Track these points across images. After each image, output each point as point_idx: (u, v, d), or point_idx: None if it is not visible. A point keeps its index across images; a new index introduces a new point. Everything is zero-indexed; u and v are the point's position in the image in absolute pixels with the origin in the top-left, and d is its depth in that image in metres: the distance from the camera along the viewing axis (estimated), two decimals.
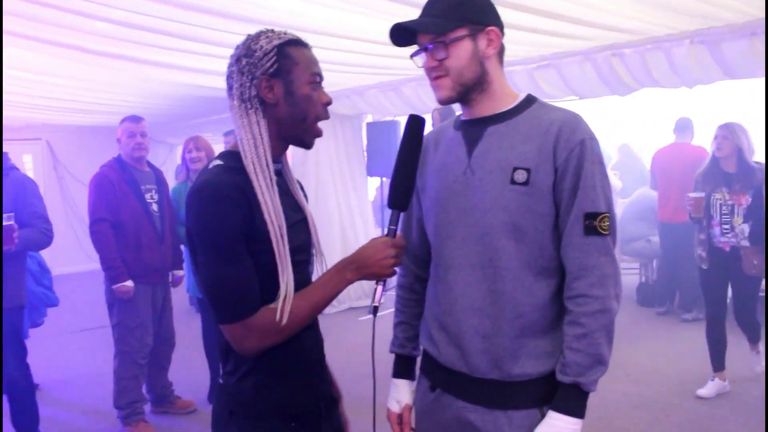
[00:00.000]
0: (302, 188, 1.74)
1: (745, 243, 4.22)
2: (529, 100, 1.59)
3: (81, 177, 8.91)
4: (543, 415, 1.51)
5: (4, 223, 3.12)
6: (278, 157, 1.59)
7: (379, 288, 1.55)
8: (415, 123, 1.56)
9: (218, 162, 1.52)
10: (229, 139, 4.06)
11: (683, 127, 6.51)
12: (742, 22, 3.82)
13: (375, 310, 1.58)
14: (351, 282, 1.53)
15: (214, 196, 1.42)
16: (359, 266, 1.51)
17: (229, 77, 1.53)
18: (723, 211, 4.30)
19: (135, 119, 4.02)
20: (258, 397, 1.54)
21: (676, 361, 5.14)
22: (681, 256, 6.19)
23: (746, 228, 4.21)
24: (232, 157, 1.52)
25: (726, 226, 4.30)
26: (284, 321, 1.44)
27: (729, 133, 4.32)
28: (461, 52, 1.52)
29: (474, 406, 1.57)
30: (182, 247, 4.37)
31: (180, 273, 4.47)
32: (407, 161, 1.55)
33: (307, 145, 1.60)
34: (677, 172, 6.21)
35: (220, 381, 1.62)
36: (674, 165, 6.30)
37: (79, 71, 5.23)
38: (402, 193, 1.54)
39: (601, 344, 1.47)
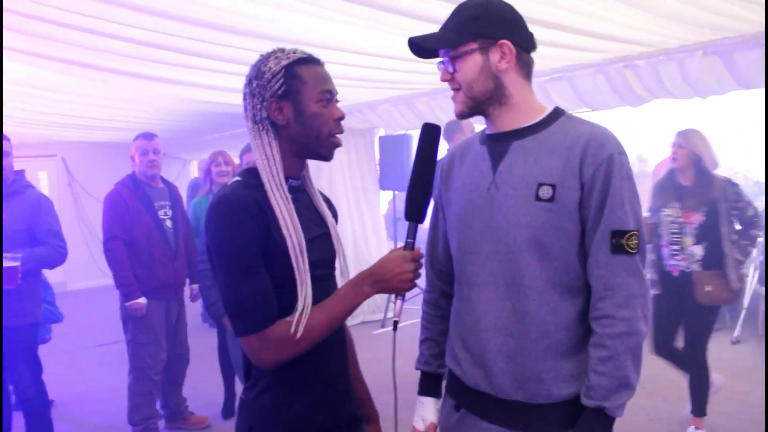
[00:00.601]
0: (330, 204, 1.76)
1: (696, 267, 3.72)
2: (557, 114, 1.57)
3: (95, 193, 8.98)
4: None
5: (7, 264, 3.09)
6: (297, 173, 1.61)
7: (399, 302, 1.54)
8: (430, 132, 1.55)
9: (237, 179, 1.55)
10: (248, 158, 4.08)
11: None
12: (754, 32, 3.81)
13: (395, 324, 1.57)
14: (369, 295, 1.51)
15: (231, 209, 1.44)
16: (378, 280, 1.50)
17: (244, 98, 1.55)
18: (672, 230, 3.80)
19: (148, 136, 4.05)
20: (275, 414, 1.54)
21: None
22: None
23: (698, 250, 3.71)
24: (252, 173, 1.55)
25: (675, 248, 3.80)
26: (299, 334, 1.44)
27: (684, 141, 3.78)
28: (469, 66, 1.51)
29: (498, 428, 1.53)
30: None
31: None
32: (422, 172, 1.53)
33: (326, 157, 1.61)
34: None
35: (242, 396, 1.62)
36: None
37: (95, 89, 5.29)
38: (417, 204, 1.53)
39: (627, 367, 1.42)
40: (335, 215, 1.78)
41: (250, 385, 1.59)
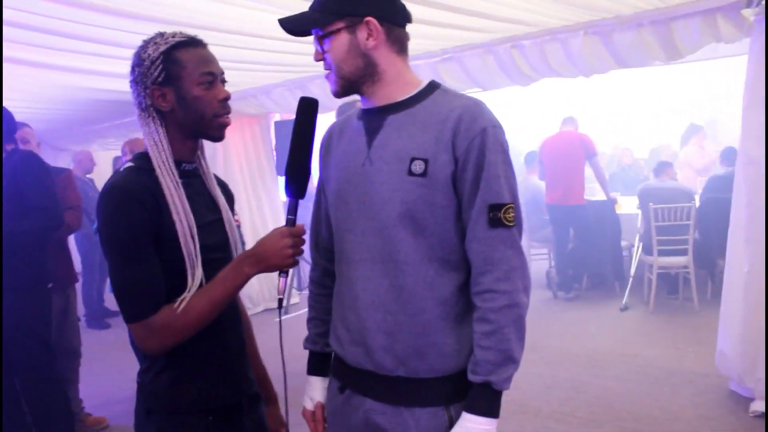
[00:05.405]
0: (226, 188, 1.76)
1: None
2: (432, 87, 1.54)
3: None
4: (449, 415, 1.47)
5: None
6: (190, 156, 1.61)
7: (282, 280, 1.54)
8: (306, 105, 1.54)
9: (130, 164, 1.55)
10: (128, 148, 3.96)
11: (568, 122, 6.96)
12: (630, 14, 4.01)
13: (280, 302, 1.58)
14: (250, 276, 1.51)
15: (120, 197, 1.45)
16: (258, 259, 1.50)
17: (130, 86, 1.55)
18: None
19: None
20: (173, 392, 1.55)
21: (587, 342, 5.36)
22: (570, 237, 6.83)
23: None
24: (145, 158, 1.54)
25: None
26: (179, 309, 1.46)
27: None
28: (337, 46, 1.48)
29: (381, 405, 1.52)
30: None
31: None
32: (301, 147, 1.52)
33: (216, 138, 1.60)
34: (564, 156, 6.62)
35: (138, 380, 1.61)
36: (560, 149, 6.70)
37: None
38: (297, 180, 1.52)
39: (510, 340, 1.42)
40: (231, 199, 1.77)
41: (145, 368, 1.58)
